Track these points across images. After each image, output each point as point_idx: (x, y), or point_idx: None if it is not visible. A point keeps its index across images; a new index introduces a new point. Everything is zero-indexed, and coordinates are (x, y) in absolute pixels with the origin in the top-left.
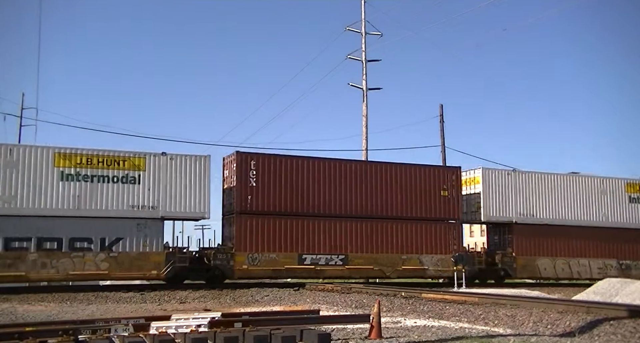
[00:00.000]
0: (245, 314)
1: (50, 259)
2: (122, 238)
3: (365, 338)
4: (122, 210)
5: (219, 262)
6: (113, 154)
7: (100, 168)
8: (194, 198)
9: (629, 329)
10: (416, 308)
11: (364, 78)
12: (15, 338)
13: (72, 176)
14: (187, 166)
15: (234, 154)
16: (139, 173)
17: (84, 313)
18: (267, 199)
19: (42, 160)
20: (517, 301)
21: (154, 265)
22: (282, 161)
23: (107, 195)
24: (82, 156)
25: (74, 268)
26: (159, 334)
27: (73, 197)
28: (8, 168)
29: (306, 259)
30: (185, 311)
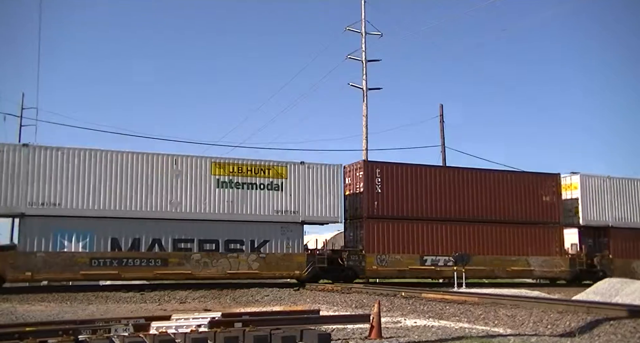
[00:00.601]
0: (245, 314)
1: (211, 259)
2: (269, 241)
3: (365, 338)
4: (268, 215)
5: (352, 262)
6: (260, 163)
7: (249, 176)
8: (329, 203)
9: (629, 329)
10: (416, 308)
11: (364, 78)
12: (15, 338)
13: (226, 183)
14: (323, 174)
15: (359, 163)
16: (281, 180)
17: (84, 313)
18: (391, 205)
19: (201, 169)
20: (517, 301)
21: (297, 265)
22: (404, 169)
23: (255, 201)
24: (234, 165)
25: (230, 268)
26: (159, 334)
27: (227, 203)
28: (174, 176)
29: (427, 260)
30: (185, 311)
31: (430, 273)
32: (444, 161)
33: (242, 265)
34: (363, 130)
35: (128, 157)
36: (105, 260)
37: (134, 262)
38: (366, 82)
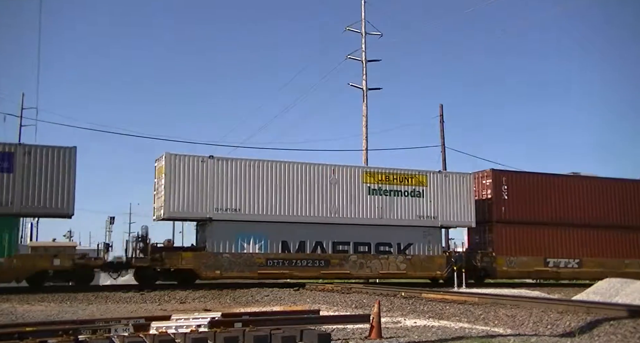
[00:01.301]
0: (245, 314)
1: (365, 260)
2: (413, 244)
3: (365, 338)
4: (411, 219)
5: (484, 264)
6: (404, 172)
7: (395, 184)
8: (463, 209)
9: (629, 329)
10: (416, 308)
11: (364, 78)
12: (15, 338)
13: (376, 191)
14: (457, 182)
15: (486, 171)
16: (422, 188)
17: (84, 313)
18: (516, 210)
19: (354, 178)
20: (517, 301)
21: (438, 266)
22: (528, 177)
23: (401, 207)
24: (382, 174)
25: (381, 268)
26: (159, 334)
27: (377, 208)
28: (332, 184)
29: (549, 262)
30: (185, 311)
31: (552, 275)
32: (444, 161)
33: (392, 266)
34: (363, 130)
35: (294, 167)
36: (278, 261)
37: (301, 263)
38: (366, 82)
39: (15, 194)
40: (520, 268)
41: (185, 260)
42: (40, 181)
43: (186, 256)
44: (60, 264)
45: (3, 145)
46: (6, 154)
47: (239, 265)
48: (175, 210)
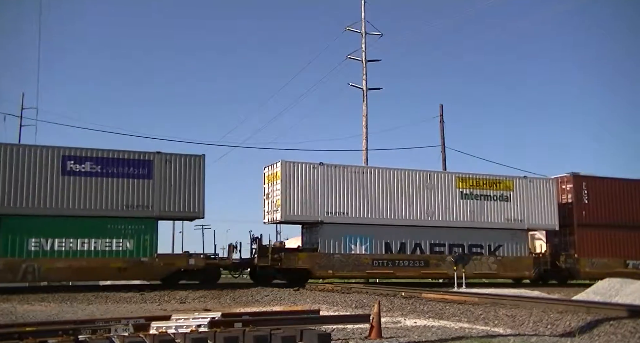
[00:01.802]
0: (245, 314)
1: None
2: (502, 245)
3: (365, 338)
4: (500, 222)
5: (568, 265)
6: (492, 178)
7: (485, 189)
8: (546, 212)
9: (629, 329)
10: (416, 308)
11: (364, 78)
12: (15, 338)
13: (468, 195)
14: (540, 186)
15: (566, 177)
16: (509, 192)
17: (84, 313)
18: (596, 213)
19: (449, 183)
20: (517, 301)
21: (526, 267)
22: (607, 182)
23: (490, 210)
24: (473, 180)
25: (475, 269)
26: (159, 334)
27: (469, 212)
28: (429, 189)
29: (629, 264)
30: (185, 311)
31: (632, 276)
32: (444, 161)
33: (484, 266)
34: (363, 130)
35: (395, 173)
36: (383, 261)
37: (403, 263)
38: (366, 82)
39: (154, 199)
40: (601, 270)
41: (302, 261)
42: (175, 186)
43: (302, 257)
44: (195, 264)
45: (143, 153)
46: (146, 162)
47: (349, 265)
48: (291, 214)
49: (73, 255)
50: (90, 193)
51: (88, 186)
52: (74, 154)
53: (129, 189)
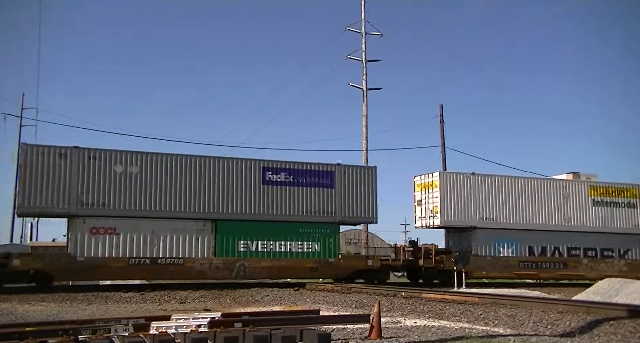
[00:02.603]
0: (245, 314)
1: (594, 264)
2: (630, 250)
3: (365, 338)
4: (628, 228)
5: None
6: (620, 186)
7: (614, 196)
8: None
9: (629, 329)
10: (416, 308)
11: (364, 78)
12: (15, 338)
13: (599, 203)
14: None
15: None
16: (636, 200)
17: (84, 313)
18: None
19: (582, 192)
20: (517, 301)
21: None
22: None
23: (618, 216)
24: (603, 188)
25: (606, 271)
26: (159, 334)
27: (601, 218)
28: (564, 198)
29: None
30: (185, 311)
31: None
32: (444, 161)
33: (615, 268)
34: (363, 130)
35: (535, 183)
36: (527, 263)
37: (544, 265)
38: (366, 82)
39: (336, 206)
40: None
41: None
42: (353, 194)
43: None
44: (372, 264)
45: (326, 165)
46: (329, 173)
47: (499, 267)
48: (449, 220)
49: (273, 256)
50: (284, 201)
51: (283, 194)
52: (272, 166)
53: (316, 197)
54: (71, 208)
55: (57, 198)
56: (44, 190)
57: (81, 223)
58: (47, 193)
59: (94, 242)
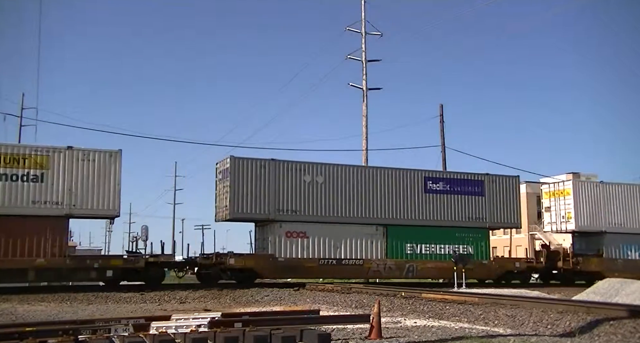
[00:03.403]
0: (245, 314)
1: None
2: None
3: (365, 338)
4: None
5: None
6: None
7: None
8: None
9: (629, 329)
10: (416, 308)
11: (364, 78)
12: (15, 338)
13: None
14: None
15: None
16: None
17: (84, 313)
18: None
19: None
20: (517, 301)
21: None
22: None
23: None
24: None
25: None
26: (159, 334)
27: None
28: None
29: None
30: (185, 311)
31: None
32: (444, 161)
33: None
34: (363, 130)
35: None
36: None
37: None
38: (366, 82)
39: (485, 212)
40: None
41: (594, 264)
42: (499, 201)
43: (594, 261)
44: (519, 266)
45: (477, 174)
46: (479, 182)
47: (629, 268)
48: (582, 225)
49: (436, 258)
50: (443, 207)
51: (441, 201)
52: (432, 176)
53: (468, 204)
54: (270, 214)
55: (259, 205)
56: (249, 198)
57: (278, 228)
58: (251, 200)
59: (289, 244)
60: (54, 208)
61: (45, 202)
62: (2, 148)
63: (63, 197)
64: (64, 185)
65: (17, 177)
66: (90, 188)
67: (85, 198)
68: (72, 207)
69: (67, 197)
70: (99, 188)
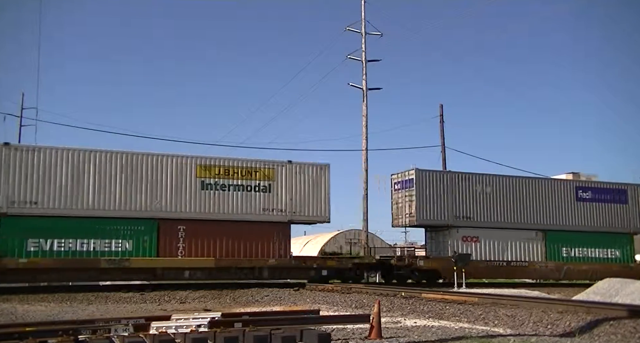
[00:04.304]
0: (245, 314)
1: None
2: None
3: (365, 338)
4: None
5: None
6: None
7: None
8: None
9: (629, 329)
10: (416, 308)
11: (364, 78)
12: (15, 338)
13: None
14: None
15: None
16: None
17: (84, 313)
18: None
19: None
20: (517, 301)
21: None
22: None
23: None
24: None
25: None
26: (159, 334)
27: None
28: None
29: None
30: (185, 311)
31: None
32: (444, 161)
33: None
34: (363, 130)
35: None
36: None
37: None
38: (366, 82)
39: (629, 219)
40: None
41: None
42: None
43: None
44: None
45: (620, 184)
46: (623, 191)
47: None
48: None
49: (587, 261)
50: (591, 214)
51: (589, 209)
52: (583, 185)
53: (612, 211)
54: (449, 220)
55: (441, 212)
56: (432, 206)
57: (455, 233)
58: (434, 208)
59: (465, 247)
60: (279, 215)
61: (272, 210)
62: (239, 162)
63: (285, 205)
64: (286, 195)
65: (251, 187)
66: (306, 197)
67: (302, 206)
68: (292, 214)
69: (289, 205)
70: (312, 197)
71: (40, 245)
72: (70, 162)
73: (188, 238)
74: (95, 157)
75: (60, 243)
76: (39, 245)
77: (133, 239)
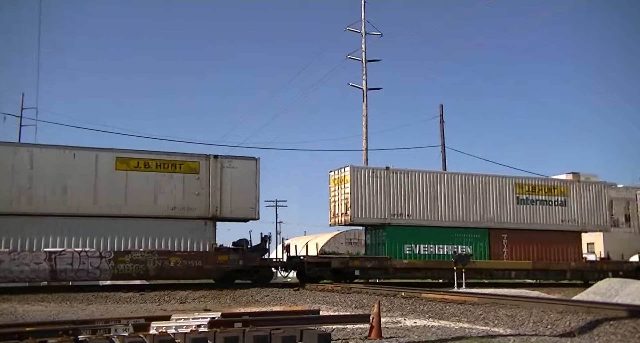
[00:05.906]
0: (245, 314)
1: None
2: None
3: (365, 338)
4: None
5: None
6: None
7: None
8: None
9: (629, 329)
10: (416, 308)
11: (364, 78)
12: (15, 338)
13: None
14: None
15: None
16: None
17: (84, 313)
18: None
19: None
20: (517, 301)
21: None
22: None
23: None
24: None
25: None
26: (159, 334)
27: None
28: None
29: None
30: (185, 311)
31: None
32: (444, 161)
33: None
34: (363, 130)
35: None
36: None
37: None
38: (366, 82)
39: None
40: None
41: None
42: None
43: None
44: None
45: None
46: None
47: None
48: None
49: None
50: None
51: None
52: None
53: None
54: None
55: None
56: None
57: None
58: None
59: None
60: None
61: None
62: None
63: None
64: None
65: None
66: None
67: None
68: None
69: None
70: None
71: (412, 249)
72: (428, 182)
73: (509, 244)
74: (445, 178)
75: (425, 248)
76: (412, 249)
77: (472, 245)
